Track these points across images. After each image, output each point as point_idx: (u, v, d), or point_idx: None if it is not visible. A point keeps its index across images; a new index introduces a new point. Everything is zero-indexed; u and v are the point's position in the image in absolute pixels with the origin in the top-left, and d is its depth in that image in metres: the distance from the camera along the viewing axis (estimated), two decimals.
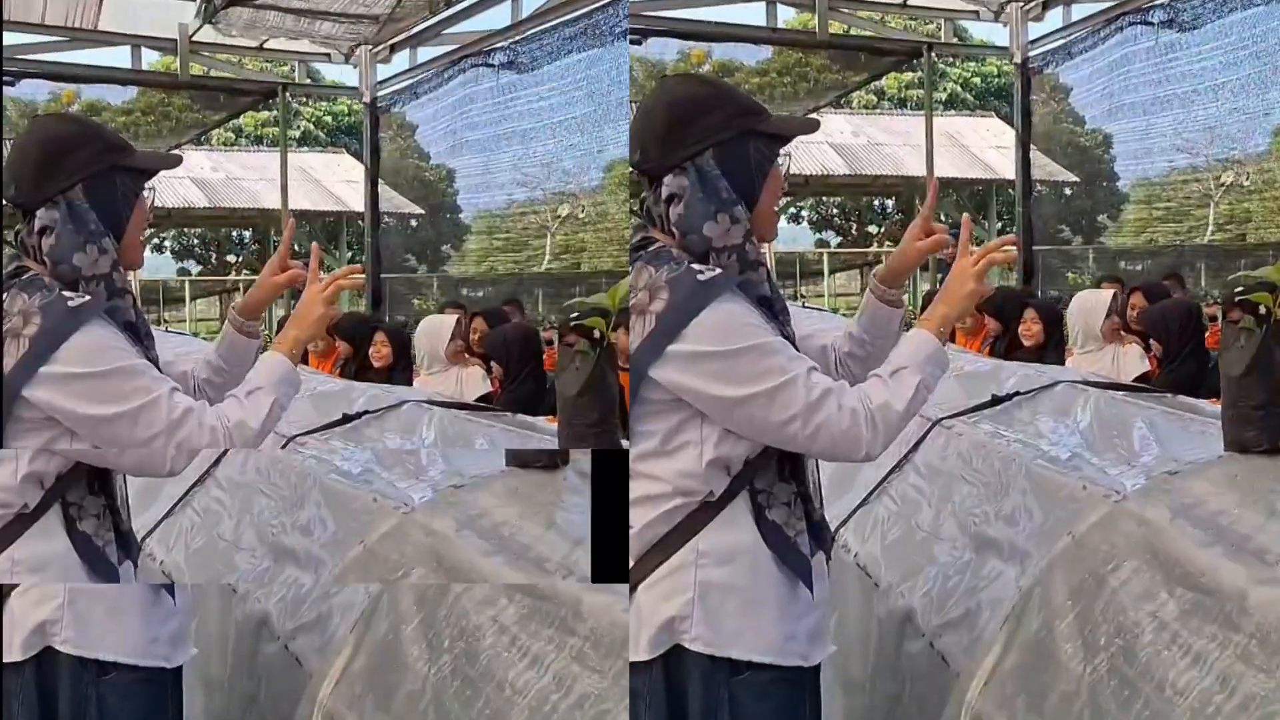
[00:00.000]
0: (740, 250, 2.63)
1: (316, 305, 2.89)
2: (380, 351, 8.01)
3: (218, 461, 4.71)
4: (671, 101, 2.68)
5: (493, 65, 11.54)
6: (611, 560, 2.83)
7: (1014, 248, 2.78)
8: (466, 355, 7.40)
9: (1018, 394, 4.62)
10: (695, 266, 2.59)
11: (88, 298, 2.78)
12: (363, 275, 2.99)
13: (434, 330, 7.63)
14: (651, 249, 2.65)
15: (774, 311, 2.65)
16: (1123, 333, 6.82)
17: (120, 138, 2.97)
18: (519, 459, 3.91)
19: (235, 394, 2.86)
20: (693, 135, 2.64)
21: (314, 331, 2.91)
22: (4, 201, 2.92)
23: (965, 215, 2.78)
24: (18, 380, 2.73)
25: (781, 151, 2.73)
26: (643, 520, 2.62)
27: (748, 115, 2.69)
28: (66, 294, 2.77)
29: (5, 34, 11.47)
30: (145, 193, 2.93)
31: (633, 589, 2.63)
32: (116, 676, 2.85)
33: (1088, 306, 6.94)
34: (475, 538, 3.59)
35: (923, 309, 9.54)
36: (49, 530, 2.81)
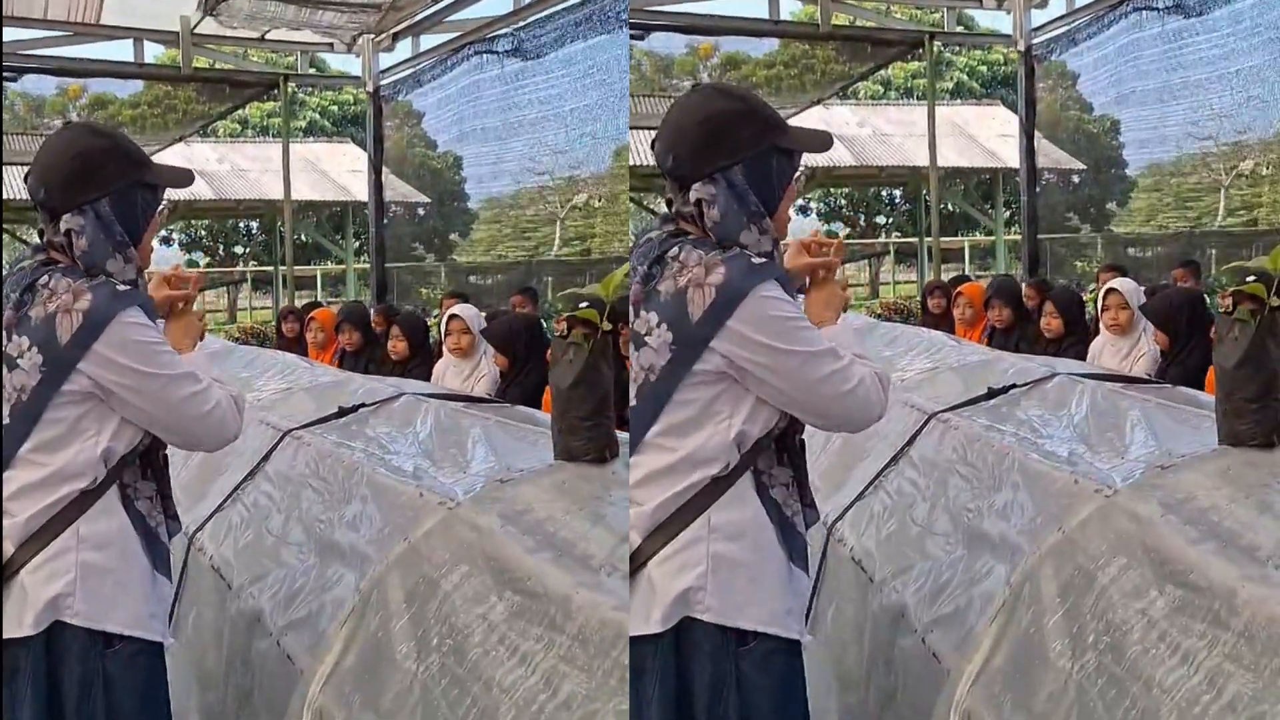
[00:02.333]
0: (770, 257, 2.80)
1: (191, 326, 3.22)
2: (396, 346, 7.93)
3: (268, 456, 4.71)
4: (708, 115, 2.83)
5: (497, 52, 11.51)
6: None
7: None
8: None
9: (1014, 386, 4.60)
10: (747, 251, 2.77)
11: (130, 287, 3.01)
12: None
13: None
14: (692, 237, 2.82)
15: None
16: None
17: (143, 153, 3.18)
18: (567, 452, 3.87)
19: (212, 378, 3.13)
20: (725, 149, 2.80)
21: (197, 338, 3.23)
22: (12, 214, 3.10)
23: (838, 239, 3.02)
24: (74, 351, 2.93)
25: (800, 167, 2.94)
26: (654, 498, 2.75)
27: (774, 131, 2.85)
28: (114, 279, 3.00)
29: (7, 29, 11.48)
30: (161, 207, 3.20)
31: (641, 565, 2.75)
32: (121, 648, 3.00)
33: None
34: (520, 534, 3.52)
35: (925, 297, 9.53)
36: (110, 507, 3.00)
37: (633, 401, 2.82)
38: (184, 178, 3.29)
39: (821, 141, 2.98)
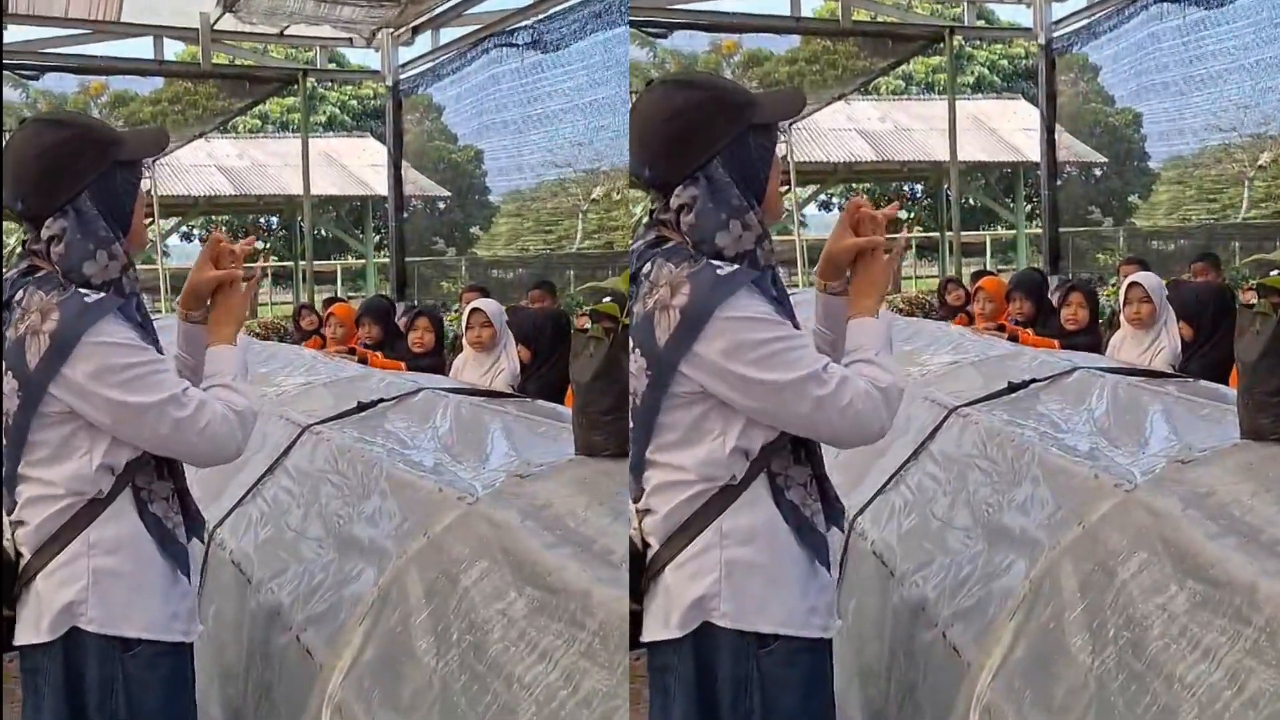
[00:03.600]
0: (752, 256, 2.68)
1: (243, 302, 3.12)
2: (423, 338, 7.90)
3: (288, 451, 4.71)
4: (669, 116, 2.69)
5: (516, 45, 11.50)
6: None
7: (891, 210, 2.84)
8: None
9: (1033, 381, 4.59)
10: (714, 262, 2.65)
11: (103, 295, 2.87)
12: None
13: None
14: (668, 246, 2.70)
15: (785, 310, 2.70)
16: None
17: (112, 130, 3.03)
18: (587, 447, 3.85)
19: (224, 383, 3.01)
20: (697, 146, 2.68)
21: (242, 321, 3.13)
22: (8, 211, 2.99)
23: (886, 209, 2.82)
24: (43, 376, 2.82)
25: (780, 136, 2.77)
26: (665, 506, 2.70)
27: (743, 111, 2.71)
28: (83, 290, 2.86)
29: (29, 28, 11.53)
30: (144, 179, 3.08)
31: (659, 572, 2.70)
32: (141, 651, 2.93)
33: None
34: (539, 529, 3.51)
35: (942, 290, 9.56)
36: (122, 513, 2.91)
37: (630, 424, 2.76)
38: (159, 138, 3.12)
39: (794, 103, 2.83)
